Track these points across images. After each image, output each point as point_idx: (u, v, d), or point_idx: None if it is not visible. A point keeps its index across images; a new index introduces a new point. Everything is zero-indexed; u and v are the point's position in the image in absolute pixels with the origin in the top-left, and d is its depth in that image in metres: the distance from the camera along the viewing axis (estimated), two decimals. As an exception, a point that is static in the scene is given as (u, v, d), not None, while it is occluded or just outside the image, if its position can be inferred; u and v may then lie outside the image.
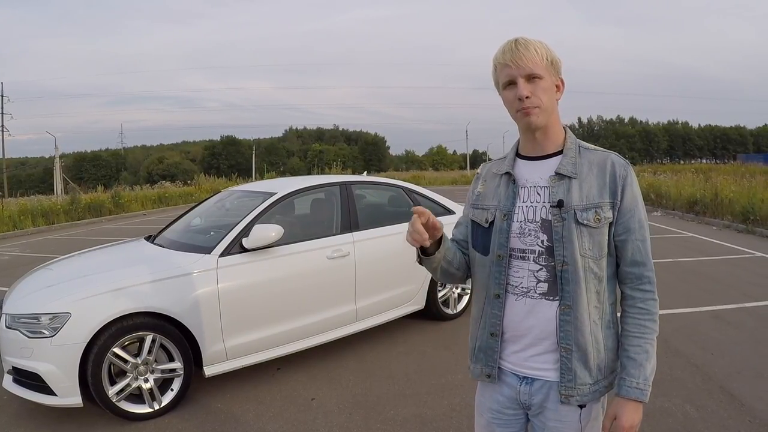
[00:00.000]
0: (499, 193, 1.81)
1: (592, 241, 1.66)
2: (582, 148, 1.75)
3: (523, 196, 1.75)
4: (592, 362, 1.69)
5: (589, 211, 1.66)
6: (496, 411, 1.86)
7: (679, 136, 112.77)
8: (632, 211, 1.68)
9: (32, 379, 3.75)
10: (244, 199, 5.48)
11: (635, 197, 1.69)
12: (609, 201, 1.67)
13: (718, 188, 15.68)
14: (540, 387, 1.75)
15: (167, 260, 4.41)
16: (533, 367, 1.76)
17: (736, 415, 3.78)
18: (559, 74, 1.72)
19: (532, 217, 1.72)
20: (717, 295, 6.85)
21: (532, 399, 1.77)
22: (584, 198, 1.66)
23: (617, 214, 1.68)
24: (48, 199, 25.16)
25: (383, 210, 5.98)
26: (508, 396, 1.82)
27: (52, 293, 3.98)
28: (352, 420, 3.89)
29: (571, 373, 1.69)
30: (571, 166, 1.69)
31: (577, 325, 1.67)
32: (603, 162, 1.71)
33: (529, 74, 1.64)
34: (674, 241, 11.51)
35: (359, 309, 5.10)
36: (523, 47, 1.64)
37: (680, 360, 4.78)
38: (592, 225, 1.65)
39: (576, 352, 1.68)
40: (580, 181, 1.68)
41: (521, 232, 1.74)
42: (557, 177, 1.70)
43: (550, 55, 1.68)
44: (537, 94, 1.64)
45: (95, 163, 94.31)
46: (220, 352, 4.22)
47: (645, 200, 7.27)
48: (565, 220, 1.66)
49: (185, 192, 31.33)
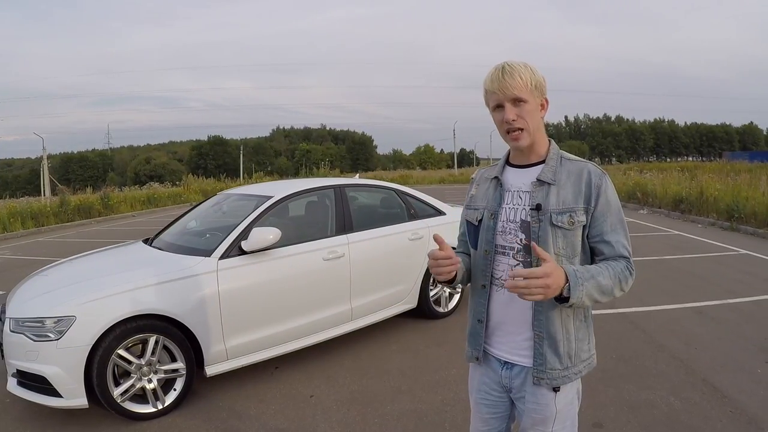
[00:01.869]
0: (488, 195, 2.03)
1: (566, 241, 1.85)
2: (563, 158, 1.93)
3: (507, 199, 1.97)
4: (562, 350, 1.88)
5: (564, 215, 1.84)
6: (484, 392, 2.09)
7: (666, 134, 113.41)
8: (605, 216, 1.86)
9: (37, 381, 3.81)
10: (241, 202, 5.54)
11: (609, 203, 1.87)
12: (583, 206, 1.85)
13: (703, 186, 15.81)
14: (519, 372, 1.96)
15: (168, 263, 4.49)
16: (513, 353, 1.97)
17: (719, 406, 3.92)
18: (544, 94, 1.89)
19: (513, 217, 1.93)
20: (700, 292, 6.99)
21: (512, 382, 1.98)
22: (560, 203, 1.85)
23: (591, 219, 1.86)
24: (37, 201, 25.01)
25: (376, 212, 6.10)
26: (493, 379, 2.05)
27: (57, 297, 4.05)
28: (350, 415, 4.01)
29: (542, 357, 1.88)
30: (551, 174, 1.89)
31: (548, 315, 1.86)
32: (580, 171, 1.88)
33: (514, 98, 1.82)
34: (659, 239, 11.67)
35: (354, 308, 5.21)
36: (509, 75, 1.80)
37: (664, 354, 4.92)
38: (566, 227, 1.84)
39: (547, 339, 1.87)
40: (558, 188, 1.87)
41: (503, 231, 1.94)
42: (538, 183, 1.89)
43: (534, 79, 1.83)
44: (522, 116, 1.83)
45: (82, 164, 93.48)
46: (220, 352, 4.32)
47: (631, 198, 7.49)
48: (541, 221, 1.85)
49: (174, 193, 31.19)
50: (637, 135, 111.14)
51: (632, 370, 4.62)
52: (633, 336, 5.43)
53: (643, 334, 5.46)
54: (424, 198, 6.41)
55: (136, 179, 69.85)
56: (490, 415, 2.09)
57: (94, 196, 24.54)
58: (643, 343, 5.22)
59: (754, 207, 12.82)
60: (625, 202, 19.65)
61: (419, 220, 6.07)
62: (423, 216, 6.16)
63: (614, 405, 3.99)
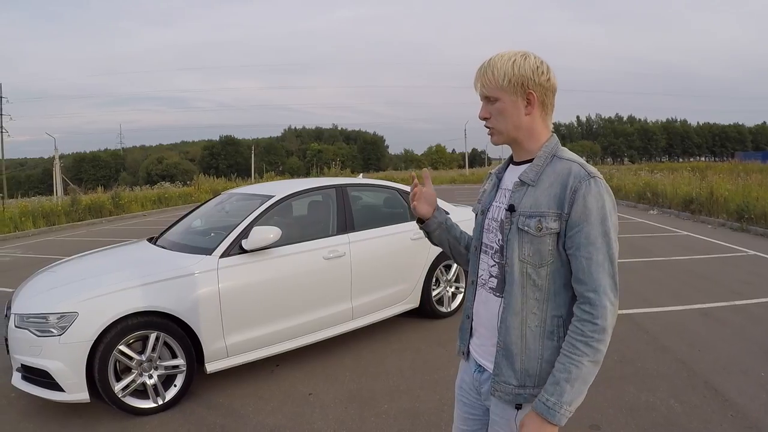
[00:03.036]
0: (486, 191, 1.94)
1: (533, 248, 1.67)
2: (556, 157, 1.73)
3: (498, 197, 1.86)
4: (518, 365, 1.70)
5: (532, 219, 1.66)
6: (464, 390, 2.01)
7: (678, 134, 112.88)
8: (580, 225, 1.61)
9: (41, 376, 3.88)
10: (243, 202, 5.58)
11: (588, 211, 1.61)
12: (555, 212, 1.64)
13: (713, 187, 15.71)
14: (487, 378, 1.83)
15: (170, 261, 4.54)
16: (484, 357, 1.86)
17: (719, 409, 3.88)
18: (527, 88, 1.69)
19: (497, 216, 1.81)
20: (707, 293, 6.95)
21: (481, 387, 1.88)
22: (531, 206, 1.68)
23: (566, 227, 1.64)
24: (48, 200, 25.21)
25: (378, 211, 6.11)
26: (469, 380, 1.96)
27: (60, 294, 4.11)
28: (348, 413, 4.03)
29: (498, 368, 1.75)
30: (534, 174, 1.72)
31: (508, 324, 1.71)
32: (564, 172, 1.67)
33: (486, 96, 1.74)
34: (668, 240, 11.62)
35: (355, 307, 5.23)
36: (484, 70, 1.72)
37: (667, 356, 4.90)
38: (533, 233, 1.66)
39: (503, 349, 1.73)
40: (536, 189, 1.70)
41: (487, 228, 1.85)
42: (519, 182, 1.75)
43: (512, 74, 1.67)
44: (494, 115, 1.74)
45: (94, 163, 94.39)
46: (221, 350, 4.36)
47: (641, 199, 7.33)
48: (512, 224, 1.71)
49: (185, 192, 31.33)
50: (650, 135, 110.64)
51: (633, 371, 4.60)
52: (636, 337, 5.40)
53: (647, 336, 5.43)
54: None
55: (148, 179, 70.13)
56: (468, 414, 2.00)
57: (104, 196, 24.70)
58: (645, 345, 5.19)
59: (765, 207, 12.73)
60: (636, 202, 19.61)
61: (422, 220, 6.03)
62: (426, 216, 6.11)
63: (613, 407, 3.97)
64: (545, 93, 1.72)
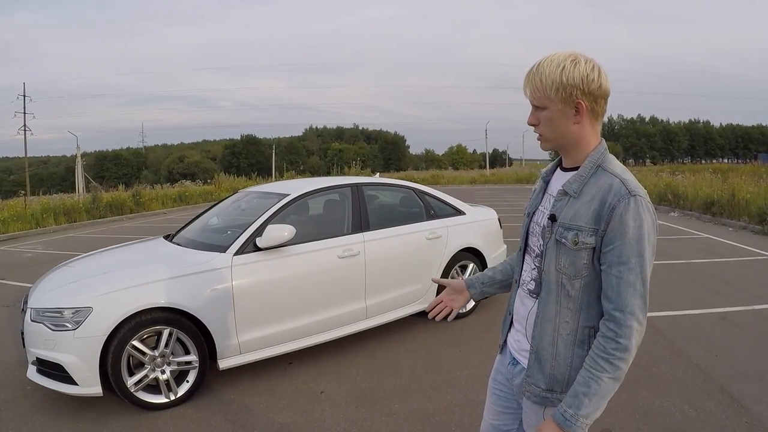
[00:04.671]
0: (534, 193, 1.97)
1: (569, 260, 1.69)
2: (601, 168, 1.71)
3: (543, 201, 1.89)
4: (548, 370, 1.75)
5: (570, 232, 1.68)
6: (498, 382, 2.07)
7: (701, 136, 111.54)
8: (615, 243, 1.61)
9: (55, 369, 3.92)
10: (259, 200, 5.59)
11: (624, 230, 1.59)
12: (593, 227, 1.64)
13: (734, 189, 15.49)
14: (519, 371, 1.91)
15: (185, 258, 4.57)
16: (518, 352, 1.93)
17: (735, 416, 3.81)
18: (575, 97, 1.65)
19: (540, 221, 1.83)
20: (726, 297, 6.86)
21: (514, 380, 1.94)
22: (570, 218, 1.69)
23: (602, 244, 1.64)
24: (70, 197, 25.50)
25: (394, 211, 6.09)
26: (503, 371, 2.04)
27: (75, 289, 4.16)
28: (358, 412, 4.03)
29: (530, 370, 1.81)
30: (577, 185, 1.71)
31: (541, 329, 1.77)
32: (606, 187, 1.65)
33: (534, 105, 1.73)
34: (688, 243, 11.48)
35: (369, 307, 5.23)
36: (534, 76, 1.68)
37: (683, 360, 4.83)
38: (569, 246, 1.68)
39: (534, 353, 1.79)
40: (577, 201, 1.70)
41: (532, 232, 1.88)
42: (562, 192, 1.76)
43: (559, 82, 1.64)
44: (542, 123, 1.73)
45: (116, 161, 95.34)
46: (233, 346, 4.38)
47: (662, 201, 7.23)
48: (553, 233, 1.73)
49: (205, 191, 31.49)
50: (672, 136, 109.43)
51: (648, 375, 4.53)
52: (653, 341, 5.33)
53: (663, 339, 5.37)
54: (443, 197, 6.39)
55: (169, 177, 70.68)
56: (501, 408, 2.06)
57: (126, 194, 24.91)
58: (662, 349, 5.13)
59: (787, 211, 12.48)
60: (656, 204, 19.37)
61: (438, 219, 6.05)
62: (442, 215, 6.14)
63: (626, 411, 3.92)
64: (595, 100, 1.69)
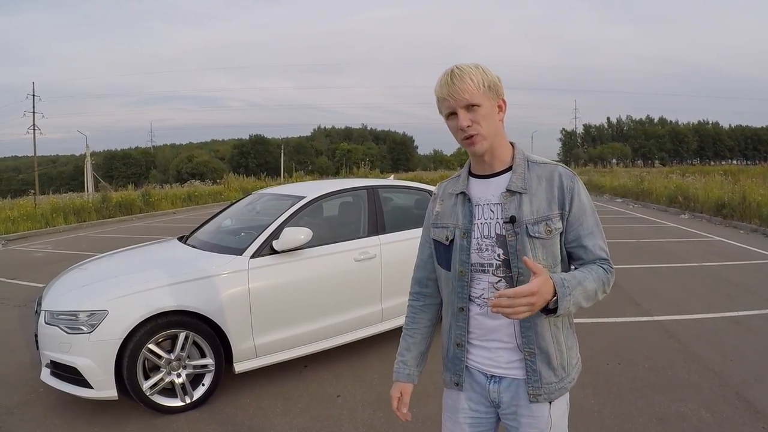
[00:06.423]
0: (456, 212, 1.87)
1: (546, 251, 1.75)
2: (530, 162, 1.82)
3: (478, 214, 1.82)
4: (555, 362, 1.79)
5: (540, 224, 1.74)
6: (468, 410, 1.92)
7: (710, 137, 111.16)
8: (580, 219, 1.77)
9: (70, 372, 3.91)
10: (274, 202, 5.57)
11: (583, 206, 1.78)
12: (558, 212, 1.76)
13: (746, 191, 15.40)
14: (508, 385, 1.83)
15: (200, 261, 4.55)
16: (500, 366, 1.83)
17: (751, 421, 3.78)
18: (500, 95, 1.77)
19: (488, 233, 1.79)
20: (738, 301, 6.80)
21: (501, 396, 1.84)
22: (534, 212, 1.74)
23: (566, 224, 1.77)
24: (79, 197, 25.62)
25: (410, 213, 6.03)
26: (480, 393, 1.89)
27: (90, 291, 4.15)
28: (376, 416, 4.00)
29: (536, 374, 1.78)
30: (521, 182, 1.77)
31: (537, 330, 1.76)
32: (551, 175, 1.79)
33: (467, 104, 1.70)
34: (699, 245, 11.41)
35: (385, 309, 5.19)
36: (458, 79, 1.69)
37: (698, 365, 4.79)
38: (544, 237, 1.74)
39: (539, 354, 1.77)
40: (530, 196, 1.76)
41: (479, 248, 1.81)
42: (508, 193, 1.77)
43: (487, 80, 1.72)
44: (477, 121, 1.71)
45: (125, 161, 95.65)
46: (249, 350, 4.37)
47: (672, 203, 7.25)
48: (518, 234, 1.73)
49: (214, 191, 31.63)
50: (681, 137, 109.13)
51: (664, 380, 4.50)
52: (667, 345, 5.30)
53: (678, 344, 5.34)
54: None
55: (178, 177, 70.74)
56: None
57: (135, 193, 25.04)
58: (677, 353, 5.10)
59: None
60: (667, 206, 19.32)
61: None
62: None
63: (643, 416, 3.89)
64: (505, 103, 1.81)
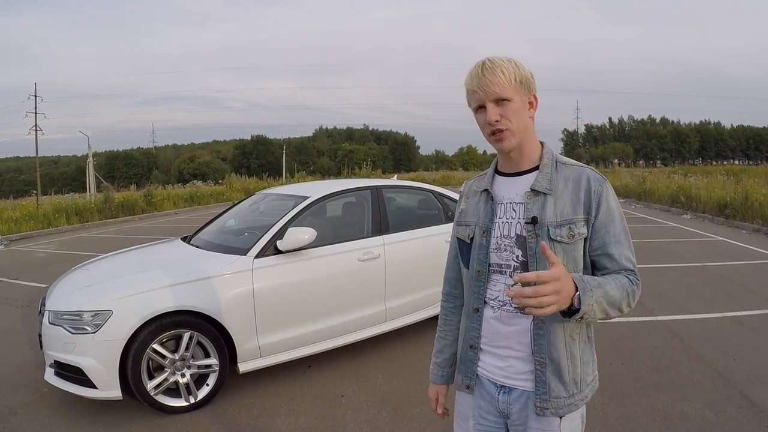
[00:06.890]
0: (478, 210, 1.83)
1: (567, 256, 1.66)
2: (559, 163, 1.75)
3: (500, 213, 1.77)
4: (567, 376, 1.69)
5: (563, 228, 1.66)
6: (478, 417, 1.88)
7: (711, 137, 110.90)
8: (607, 226, 1.68)
9: (74, 372, 3.92)
10: (278, 202, 5.58)
11: (611, 212, 1.69)
12: (583, 217, 1.68)
13: (748, 191, 15.36)
14: (518, 396, 1.76)
15: (204, 261, 4.55)
16: (511, 377, 1.77)
17: (755, 421, 3.78)
18: (532, 91, 1.71)
19: (508, 232, 1.73)
20: (741, 301, 6.79)
21: (510, 408, 1.78)
22: (558, 214, 1.67)
23: (592, 230, 1.69)
24: (81, 197, 25.62)
25: (413, 213, 6.06)
26: (489, 402, 1.84)
27: (94, 291, 4.15)
28: (380, 417, 4.01)
29: (545, 386, 1.70)
30: (547, 182, 1.70)
31: (550, 339, 1.68)
32: (578, 177, 1.71)
33: (497, 98, 1.64)
34: (702, 245, 11.39)
35: (389, 309, 5.21)
36: (489, 72, 1.63)
37: (701, 365, 4.79)
38: (566, 241, 1.66)
39: (550, 365, 1.69)
40: (555, 198, 1.69)
41: (497, 248, 1.75)
42: (532, 193, 1.70)
43: (519, 75, 1.66)
44: (507, 117, 1.65)
45: (127, 161, 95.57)
46: (254, 350, 4.37)
47: (675, 203, 7.27)
48: (538, 236, 1.66)
49: (216, 191, 31.58)
50: (683, 137, 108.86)
51: (668, 380, 4.50)
52: (670, 345, 5.30)
53: (681, 343, 5.33)
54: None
55: (180, 177, 70.73)
56: None
57: (137, 194, 25.03)
58: (680, 353, 5.09)
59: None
60: (669, 206, 19.31)
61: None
62: (460, 218, 6.10)
63: (647, 415, 3.90)
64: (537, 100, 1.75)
